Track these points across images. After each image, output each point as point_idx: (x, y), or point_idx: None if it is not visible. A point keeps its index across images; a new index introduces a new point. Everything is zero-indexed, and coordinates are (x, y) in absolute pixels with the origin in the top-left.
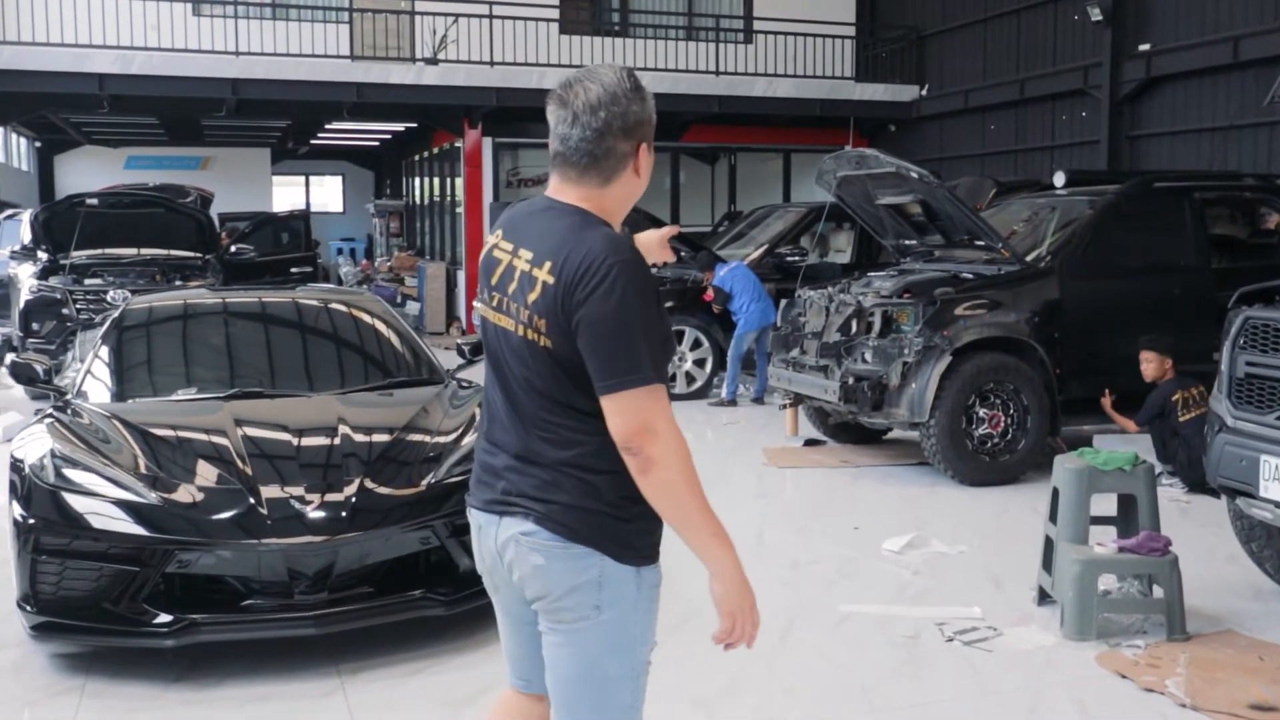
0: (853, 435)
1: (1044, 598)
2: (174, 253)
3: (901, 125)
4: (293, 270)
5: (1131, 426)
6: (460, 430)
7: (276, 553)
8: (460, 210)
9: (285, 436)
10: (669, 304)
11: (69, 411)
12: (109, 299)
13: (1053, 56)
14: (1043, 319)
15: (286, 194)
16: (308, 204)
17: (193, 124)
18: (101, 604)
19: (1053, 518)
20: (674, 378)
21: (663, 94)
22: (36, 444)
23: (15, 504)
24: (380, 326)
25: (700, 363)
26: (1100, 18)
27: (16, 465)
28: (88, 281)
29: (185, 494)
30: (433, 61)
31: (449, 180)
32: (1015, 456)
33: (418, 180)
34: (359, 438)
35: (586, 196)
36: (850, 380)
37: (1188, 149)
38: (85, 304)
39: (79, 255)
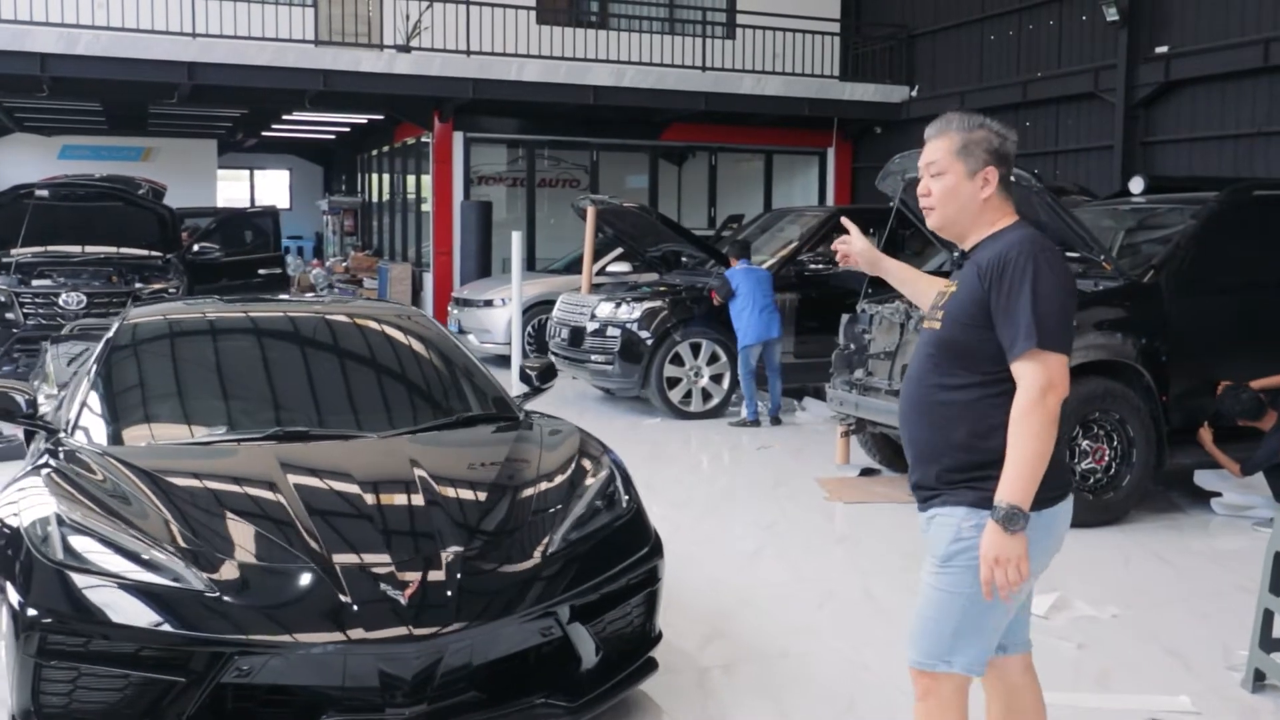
0: None
1: (1258, 680)
2: (132, 251)
3: (889, 127)
4: (260, 272)
5: (1236, 470)
6: (567, 476)
7: (366, 654)
8: (426, 209)
9: (353, 489)
10: (683, 316)
11: (67, 458)
12: (60, 302)
13: (1058, 58)
14: (1149, 340)
15: (230, 188)
16: (252, 199)
17: (138, 112)
18: None
19: (1275, 589)
20: (689, 395)
21: (647, 90)
22: (34, 505)
23: (11, 588)
24: (436, 350)
25: (717, 378)
26: (1116, 17)
27: (8, 534)
28: (35, 283)
29: (239, 573)
30: (405, 49)
31: (413, 177)
32: (1119, 494)
33: (375, 176)
34: (445, 491)
35: None
36: None
37: (1208, 156)
38: (34, 308)
39: (24, 253)
